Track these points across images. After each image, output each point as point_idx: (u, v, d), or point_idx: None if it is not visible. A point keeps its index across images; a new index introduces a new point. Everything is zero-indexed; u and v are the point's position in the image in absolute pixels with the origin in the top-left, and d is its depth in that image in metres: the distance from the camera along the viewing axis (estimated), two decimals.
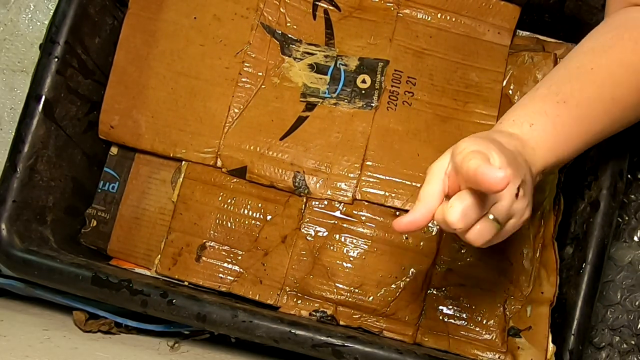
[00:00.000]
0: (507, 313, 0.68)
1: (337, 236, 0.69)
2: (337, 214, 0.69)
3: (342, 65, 0.71)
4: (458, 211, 0.44)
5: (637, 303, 0.75)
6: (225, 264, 0.69)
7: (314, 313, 0.68)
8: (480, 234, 0.46)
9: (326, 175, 0.69)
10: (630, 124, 0.55)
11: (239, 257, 0.69)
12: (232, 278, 0.69)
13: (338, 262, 0.68)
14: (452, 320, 0.68)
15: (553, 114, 0.52)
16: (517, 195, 0.46)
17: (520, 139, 0.51)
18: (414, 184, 0.68)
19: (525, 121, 0.52)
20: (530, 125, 0.51)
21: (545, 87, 0.54)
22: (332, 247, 0.69)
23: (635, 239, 0.77)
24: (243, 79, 0.71)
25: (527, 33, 0.74)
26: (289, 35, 0.72)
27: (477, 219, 0.45)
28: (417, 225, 0.47)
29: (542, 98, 0.53)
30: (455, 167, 0.46)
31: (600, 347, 0.75)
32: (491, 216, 0.46)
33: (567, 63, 0.55)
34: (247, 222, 0.70)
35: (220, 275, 0.69)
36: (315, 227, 0.69)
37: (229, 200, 0.70)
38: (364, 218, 0.69)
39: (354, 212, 0.69)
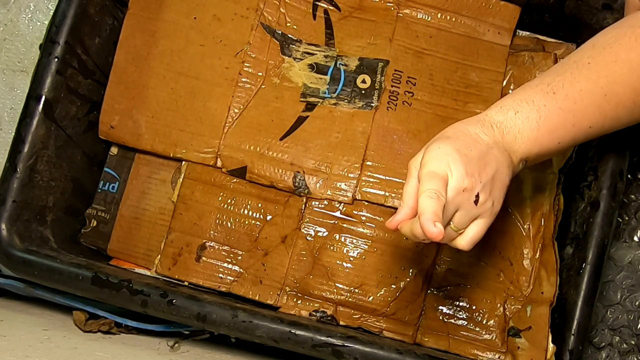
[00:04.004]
0: (507, 313, 0.68)
1: (337, 236, 0.69)
2: (337, 214, 0.69)
3: (342, 65, 0.71)
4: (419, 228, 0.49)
5: (637, 303, 0.75)
6: (225, 264, 0.69)
7: (314, 313, 0.68)
8: (447, 239, 0.52)
9: (326, 175, 0.69)
10: (623, 125, 0.55)
11: (239, 257, 0.69)
12: (232, 278, 0.69)
13: (338, 262, 0.68)
14: (452, 320, 0.68)
15: (540, 103, 0.53)
16: (476, 202, 0.50)
17: (502, 127, 0.53)
18: None
19: (511, 108, 0.53)
20: (515, 112, 0.53)
21: (539, 78, 0.55)
22: (332, 247, 0.69)
23: (635, 239, 0.77)
24: (243, 79, 0.71)
25: (527, 33, 0.74)
26: (289, 35, 0.72)
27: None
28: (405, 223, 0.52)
29: (533, 88, 0.54)
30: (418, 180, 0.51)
31: (600, 347, 0.75)
32: (452, 224, 0.51)
33: (567, 58, 0.55)
34: (247, 222, 0.70)
35: (220, 275, 0.69)
36: (315, 227, 0.69)
37: (229, 200, 0.70)
38: (364, 218, 0.69)
39: (354, 212, 0.69)
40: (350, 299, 0.68)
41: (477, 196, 0.50)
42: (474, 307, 0.68)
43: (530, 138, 0.53)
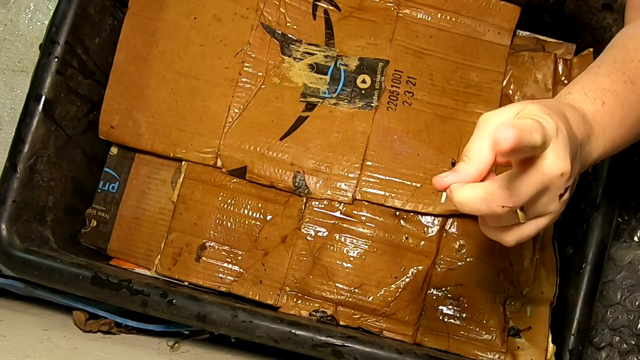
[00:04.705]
0: (507, 313, 0.68)
1: (337, 236, 0.69)
2: (337, 214, 0.69)
3: (342, 65, 0.71)
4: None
5: (637, 303, 0.75)
6: (225, 264, 0.69)
7: (314, 313, 0.68)
8: (503, 221, 0.43)
9: (326, 175, 0.69)
10: None
11: (239, 257, 0.69)
12: (232, 278, 0.69)
13: (338, 262, 0.68)
14: (452, 320, 0.68)
15: (622, 95, 0.46)
16: (561, 196, 0.42)
17: (590, 122, 0.44)
18: (414, 184, 0.68)
19: (597, 97, 0.45)
20: (602, 104, 0.45)
21: (606, 65, 0.48)
22: (332, 247, 0.69)
23: (635, 239, 0.77)
24: (243, 79, 0.71)
25: (527, 33, 0.74)
26: (289, 35, 0.72)
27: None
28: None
29: (609, 75, 0.46)
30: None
31: (600, 347, 0.75)
32: (522, 207, 0.41)
33: (622, 45, 0.49)
34: (247, 222, 0.70)
35: (220, 275, 0.69)
36: (315, 227, 0.69)
37: (229, 200, 0.70)
38: (364, 218, 0.69)
39: (354, 212, 0.69)
40: (350, 299, 0.68)
41: (566, 190, 0.41)
42: (474, 307, 0.68)
43: (612, 138, 0.46)
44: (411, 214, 0.69)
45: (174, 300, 0.61)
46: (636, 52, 0.48)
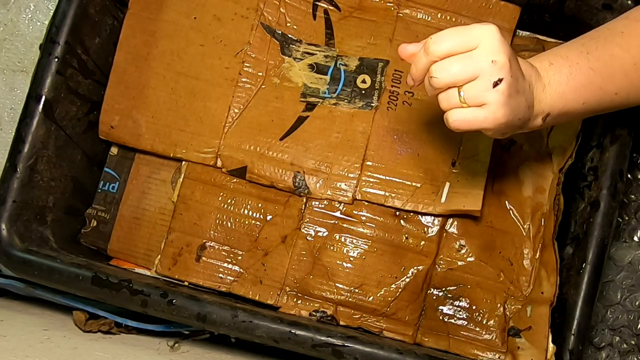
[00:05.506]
0: (507, 313, 0.68)
1: (337, 236, 0.69)
2: (337, 214, 0.69)
3: (342, 65, 0.71)
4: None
5: (637, 303, 0.75)
6: (225, 264, 0.69)
7: (314, 313, 0.68)
8: (446, 102, 0.51)
9: (326, 175, 0.69)
10: None
11: (239, 257, 0.69)
12: (232, 278, 0.69)
13: (338, 262, 0.68)
14: (452, 320, 0.68)
15: (573, 60, 0.54)
16: (495, 84, 0.48)
17: (538, 72, 0.53)
18: (414, 184, 0.68)
19: (545, 59, 0.55)
20: (550, 64, 0.54)
21: (574, 40, 0.57)
22: (332, 247, 0.69)
23: (635, 239, 0.77)
24: (243, 79, 0.71)
25: (527, 33, 0.74)
26: (289, 35, 0.72)
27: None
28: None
29: (568, 46, 0.56)
30: None
31: (600, 347, 0.75)
32: (462, 93, 0.49)
33: (601, 27, 0.57)
34: (247, 222, 0.70)
35: (220, 275, 0.69)
36: (315, 227, 0.69)
37: (229, 201, 0.70)
38: (364, 218, 0.69)
39: (354, 212, 0.69)
40: (350, 299, 0.68)
41: (500, 80, 0.48)
42: (474, 307, 0.68)
43: (558, 91, 0.53)
44: (411, 214, 0.69)
45: (174, 300, 0.61)
46: (601, 31, 0.56)
